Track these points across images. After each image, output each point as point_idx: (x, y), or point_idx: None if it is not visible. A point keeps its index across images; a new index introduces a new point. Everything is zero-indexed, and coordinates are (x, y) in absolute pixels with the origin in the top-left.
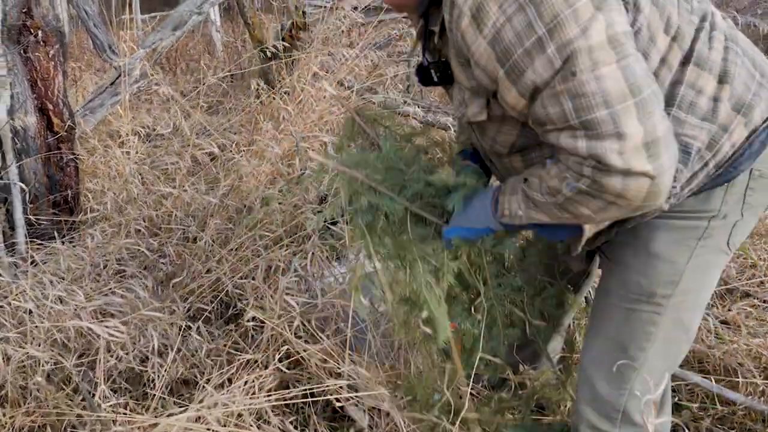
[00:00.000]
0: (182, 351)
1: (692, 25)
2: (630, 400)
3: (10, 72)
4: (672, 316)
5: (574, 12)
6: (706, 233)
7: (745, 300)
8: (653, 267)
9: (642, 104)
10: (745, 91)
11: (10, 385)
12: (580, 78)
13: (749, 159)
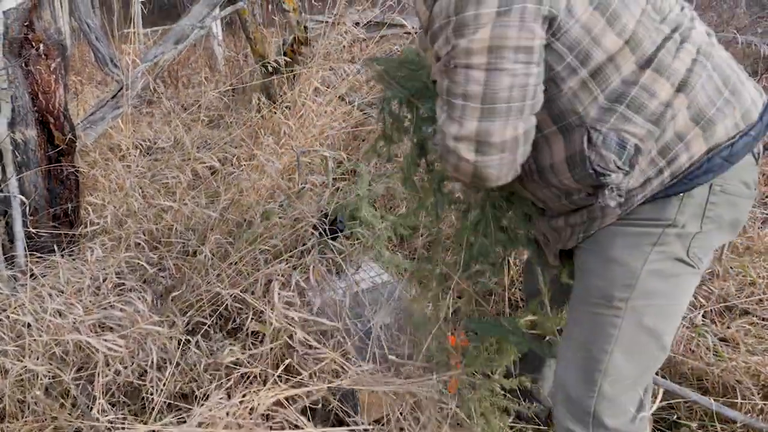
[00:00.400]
0: (180, 365)
1: (660, 33)
2: (599, 402)
3: (12, 85)
4: (633, 320)
5: (476, 16)
6: (660, 240)
7: (744, 317)
8: (610, 271)
9: (489, 110)
10: (708, 105)
11: (8, 398)
12: (456, 69)
13: (707, 173)
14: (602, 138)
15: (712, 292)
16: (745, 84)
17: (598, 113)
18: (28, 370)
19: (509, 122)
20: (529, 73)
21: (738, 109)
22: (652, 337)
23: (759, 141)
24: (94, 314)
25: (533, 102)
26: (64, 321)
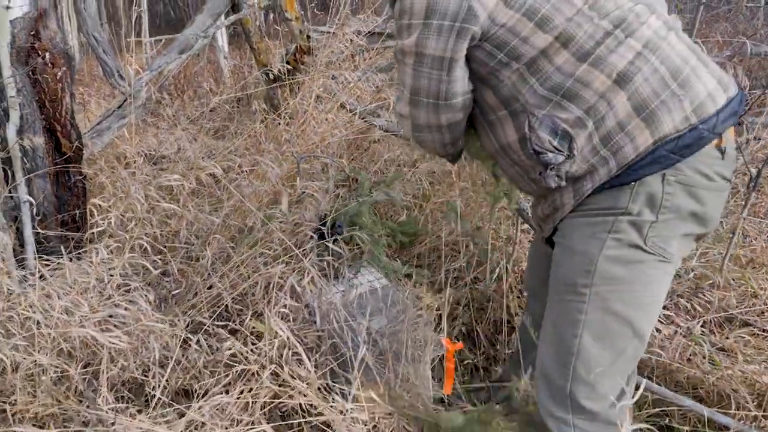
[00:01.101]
0: (181, 362)
1: (599, 29)
2: (574, 384)
3: (19, 93)
4: (597, 306)
5: (409, 24)
6: (615, 227)
7: (745, 328)
8: (572, 259)
9: (414, 100)
10: (651, 97)
11: (19, 391)
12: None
13: (653, 164)
14: (538, 122)
15: (711, 302)
16: (701, 77)
17: (537, 100)
18: (38, 365)
19: (429, 112)
20: (441, 80)
21: (688, 102)
22: (621, 324)
23: (715, 135)
24: (100, 312)
25: (447, 102)
26: (71, 318)
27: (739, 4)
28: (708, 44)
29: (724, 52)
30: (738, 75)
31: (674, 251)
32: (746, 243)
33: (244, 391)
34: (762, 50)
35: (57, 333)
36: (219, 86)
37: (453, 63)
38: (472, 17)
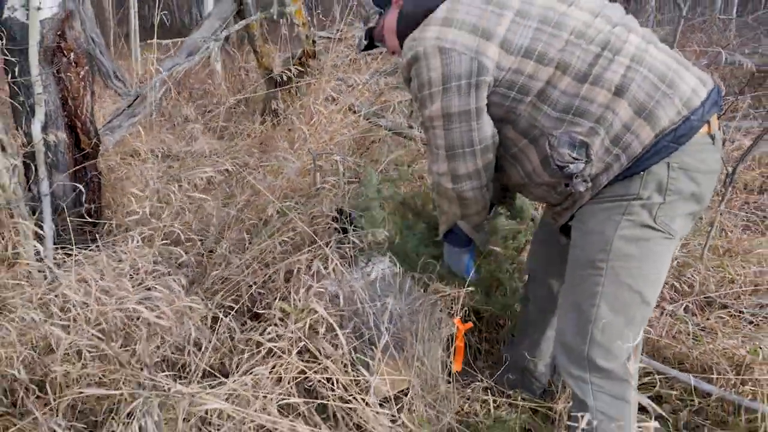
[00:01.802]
0: (213, 342)
1: (589, 53)
2: (591, 348)
3: (45, 90)
4: (612, 279)
5: (430, 94)
6: (628, 210)
7: (723, 310)
8: (590, 240)
9: (452, 155)
10: (647, 99)
11: (59, 368)
12: (427, 129)
13: (657, 154)
14: (557, 140)
15: (693, 287)
16: (683, 77)
17: (553, 123)
18: (74, 345)
19: (467, 160)
20: (471, 129)
21: (677, 99)
22: (633, 293)
23: (703, 123)
24: (135, 295)
25: (481, 146)
26: (110, 300)
27: (713, 16)
28: (686, 53)
29: (701, 61)
30: (717, 82)
31: (677, 228)
32: (723, 235)
33: (276, 366)
34: (735, 59)
35: (98, 311)
36: (216, 89)
37: (479, 111)
38: (483, 70)
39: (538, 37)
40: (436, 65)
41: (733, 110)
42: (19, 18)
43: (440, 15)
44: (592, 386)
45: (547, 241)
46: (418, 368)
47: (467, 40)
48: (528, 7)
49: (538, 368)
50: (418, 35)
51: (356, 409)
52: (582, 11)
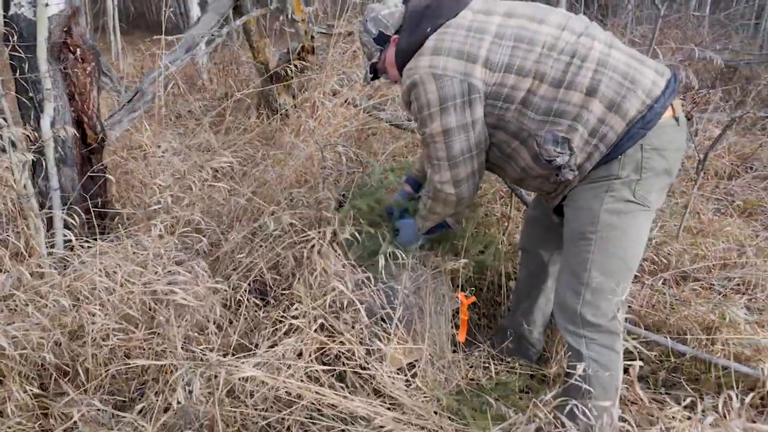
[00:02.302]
0: (240, 320)
1: (560, 62)
2: (583, 306)
3: (53, 86)
4: (601, 247)
5: (429, 114)
6: (611, 188)
7: (696, 283)
8: (579, 215)
9: (453, 164)
10: (615, 96)
11: (90, 347)
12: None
13: (631, 139)
14: (543, 139)
15: (670, 263)
16: (643, 72)
17: (537, 125)
18: (106, 327)
19: (466, 165)
20: (469, 137)
21: (641, 91)
22: (618, 260)
23: (665, 108)
24: (162, 279)
25: (477, 150)
26: (137, 283)
27: (687, 13)
28: (662, 49)
29: (676, 56)
30: (689, 77)
31: (653, 200)
32: (697, 217)
33: (297, 340)
34: (707, 55)
35: (125, 295)
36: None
37: (476, 123)
38: (474, 89)
39: (515, 54)
40: (432, 89)
41: (706, 103)
42: (26, 14)
43: (430, 45)
44: (585, 339)
45: (538, 220)
46: (428, 339)
47: (456, 65)
48: (503, 29)
49: (533, 335)
50: (414, 65)
51: (375, 376)
52: (550, 27)
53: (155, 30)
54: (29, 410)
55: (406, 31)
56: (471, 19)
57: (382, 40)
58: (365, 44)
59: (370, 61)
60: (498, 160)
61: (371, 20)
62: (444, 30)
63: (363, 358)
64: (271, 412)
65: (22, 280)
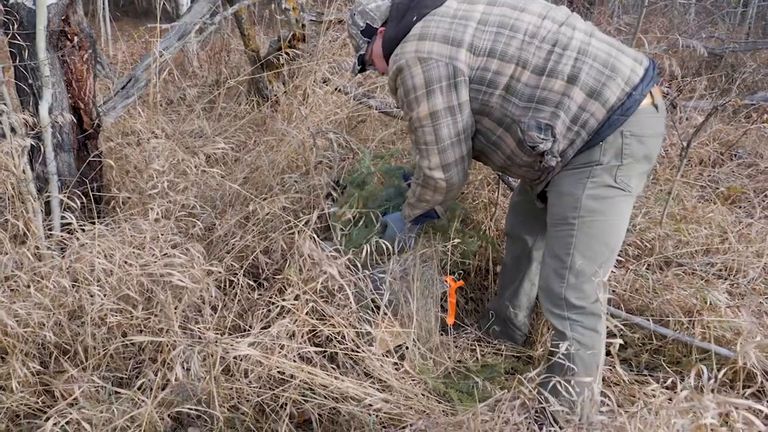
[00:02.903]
0: (235, 301)
1: (542, 50)
2: (567, 289)
3: (51, 73)
4: (583, 231)
5: (415, 97)
6: (592, 173)
7: (679, 268)
8: (562, 200)
9: (441, 148)
10: (595, 83)
11: (89, 326)
12: (416, 129)
13: (611, 126)
14: (526, 125)
15: (654, 248)
16: (622, 60)
17: (521, 111)
18: (104, 308)
19: (455, 149)
20: (456, 121)
21: (620, 79)
22: (600, 243)
23: (644, 96)
24: (158, 261)
25: (465, 134)
26: (135, 265)
27: (673, 1)
28: (648, 38)
29: (661, 45)
30: (672, 65)
31: (634, 186)
32: (681, 204)
33: (290, 322)
34: (690, 44)
35: (123, 276)
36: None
37: (462, 106)
38: (458, 72)
39: (498, 39)
40: (417, 72)
41: (691, 91)
42: (26, 3)
43: (416, 32)
44: (570, 321)
45: (522, 206)
46: (415, 322)
47: (441, 49)
48: (487, 17)
49: (519, 319)
50: (399, 50)
51: (364, 359)
52: (531, 15)
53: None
54: (31, 386)
55: (392, 21)
56: (455, 8)
57: (369, 32)
58: (353, 36)
59: (358, 53)
60: (484, 148)
61: (359, 13)
62: (429, 18)
63: (353, 341)
64: (265, 390)
65: (23, 262)
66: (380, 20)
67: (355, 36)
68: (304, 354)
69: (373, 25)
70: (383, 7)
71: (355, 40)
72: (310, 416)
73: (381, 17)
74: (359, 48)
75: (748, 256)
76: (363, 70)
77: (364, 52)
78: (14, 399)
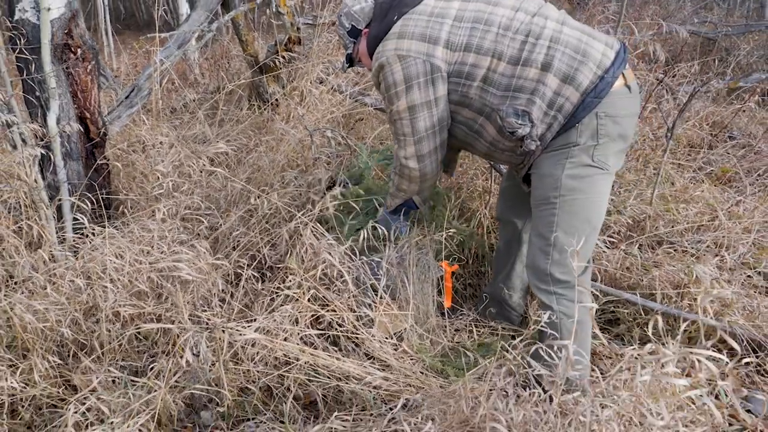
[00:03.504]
0: (234, 295)
1: (516, 41)
2: (552, 265)
3: (57, 85)
4: (565, 210)
5: (396, 92)
6: (570, 154)
7: (670, 246)
8: (544, 181)
9: (418, 139)
10: (569, 69)
11: (104, 323)
12: (395, 121)
13: (585, 109)
14: (504, 113)
15: (645, 228)
16: (593, 45)
17: (499, 100)
18: (117, 305)
19: (429, 141)
20: (433, 114)
21: (592, 63)
22: (582, 221)
23: (616, 78)
24: (168, 257)
25: (440, 126)
26: (145, 261)
27: None
28: (638, 26)
29: (648, 32)
30: (657, 50)
31: (611, 164)
32: (672, 185)
33: (294, 308)
34: (674, 28)
35: (134, 272)
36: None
37: (438, 100)
38: (435, 68)
39: (474, 34)
40: (397, 69)
41: (683, 76)
42: (30, 19)
43: (395, 31)
44: (556, 295)
45: (510, 191)
46: (413, 306)
47: (419, 47)
48: (462, 12)
49: (513, 299)
50: (381, 49)
51: (364, 341)
52: (504, 8)
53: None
54: (52, 379)
55: (375, 21)
56: (433, 6)
57: (355, 33)
58: (341, 37)
59: (347, 51)
60: (467, 137)
61: (345, 15)
62: (408, 16)
63: (353, 323)
64: (271, 370)
65: (38, 265)
66: (364, 21)
67: (343, 36)
68: (307, 339)
69: (358, 26)
70: (366, 9)
71: (343, 40)
72: (316, 397)
73: (365, 18)
74: (347, 47)
75: (738, 232)
76: (351, 65)
77: (351, 51)
78: (37, 390)
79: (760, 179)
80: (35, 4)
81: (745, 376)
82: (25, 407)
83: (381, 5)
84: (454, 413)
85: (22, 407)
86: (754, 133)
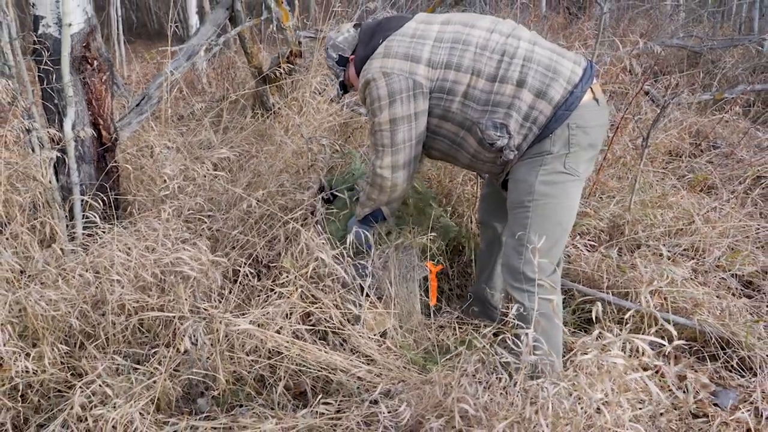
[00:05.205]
0: (232, 291)
1: (493, 60)
2: (524, 264)
3: (75, 94)
4: (538, 213)
5: (379, 106)
6: (544, 162)
7: (647, 249)
8: (518, 186)
9: (395, 150)
10: (541, 85)
11: (110, 315)
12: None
13: (557, 121)
14: (484, 126)
15: (624, 233)
16: (563, 63)
17: (479, 114)
18: (122, 298)
19: (406, 152)
20: (412, 127)
21: (562, 79)
22: (553, 223)
23: (584, 92)
24: (171, 254)
25: (417, 140)
26: (150, 257)
27: (659, 2)
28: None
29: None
30: (633, 65)
31: (582, 171)
32: (653, 191)
33: (286, 304)
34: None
35: (140, 267)
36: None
37: (418, 115)
38: (417, 85)
39: (453, 53)
40: (382, 85)
41: (671, 88)
42: (53, 33)
43: (381, 51)
44: (527, 293)
45: (491, 196)
46: (397, 305)
47: (402, 65)
48: (442, 34)
49: (495, 298)
50: (368, 66)
51: (351, 336)
52: (480, 30)
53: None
54: (59, 366)
55: (361, 44)
56: (414, 28)
57: (343, 61)
58: (330, 67)
59: (338, 79)
60: (451, 150)
61: (331, 47)
62: (392, 38)
63: (340, 320)
64: (263, 360)
65: (50, 260)
66: (350, 49)
67: (332, 67)
68: (298, 333)
69: (345, 55)
70: (350, 37)
71: (334, 70)
72: (306, 388)
73: (350, 46)
74: (338, 75)
75: (713, 236)
76: (345, 92)
77: (342, 78)
78: (47, 375)
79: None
80: (58, 20)
81: (714, 372)
82: (34, 391)
83: (366, 30)
84: (429, 398)
85: (30, 391)
86: (736, 142)
